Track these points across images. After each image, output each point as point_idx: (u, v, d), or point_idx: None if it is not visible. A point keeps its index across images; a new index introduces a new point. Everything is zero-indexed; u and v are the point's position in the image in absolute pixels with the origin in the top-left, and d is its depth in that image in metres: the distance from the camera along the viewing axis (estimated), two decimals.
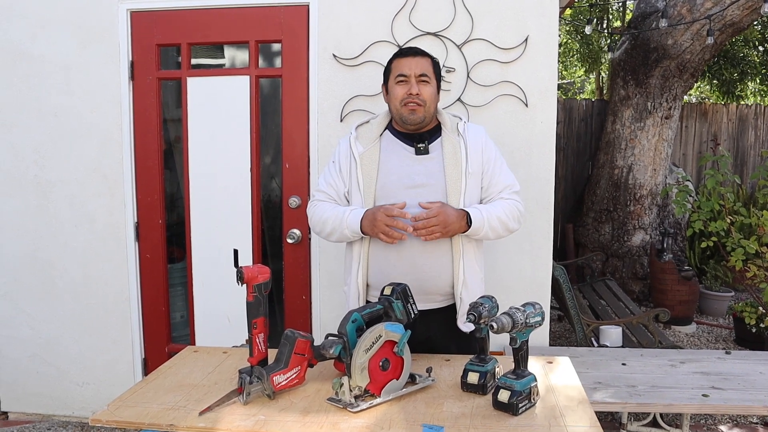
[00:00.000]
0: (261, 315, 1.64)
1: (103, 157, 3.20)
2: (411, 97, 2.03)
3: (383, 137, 2.13)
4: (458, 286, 2.06)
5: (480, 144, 2.12)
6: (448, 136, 2.10)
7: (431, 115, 2.10)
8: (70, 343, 3.36)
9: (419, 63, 2.06)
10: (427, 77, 2.06)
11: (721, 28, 5.20)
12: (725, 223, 4.38)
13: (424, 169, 2.06)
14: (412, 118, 2.05)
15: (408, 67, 2.05)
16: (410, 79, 2.04)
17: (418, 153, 2.08)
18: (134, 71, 3.15)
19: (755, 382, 2.75)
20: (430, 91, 2.06)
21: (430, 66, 2.09)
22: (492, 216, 2.04)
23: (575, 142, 6.89)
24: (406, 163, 2.07)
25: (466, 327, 2.09)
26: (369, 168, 2.07)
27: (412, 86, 2.03)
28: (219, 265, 3.16)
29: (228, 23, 3.07)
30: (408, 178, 2.04)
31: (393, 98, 2.08)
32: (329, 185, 2.17)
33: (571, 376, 1.79)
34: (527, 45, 2.89)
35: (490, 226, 2.03)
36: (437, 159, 2.07)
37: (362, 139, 2.13)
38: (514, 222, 2.13)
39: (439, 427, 1.43)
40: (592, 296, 4.87)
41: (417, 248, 2.01)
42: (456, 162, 2.05)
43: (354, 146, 2.11)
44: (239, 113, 3.08)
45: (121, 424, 1.52)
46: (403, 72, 2.05)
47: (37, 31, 3.17)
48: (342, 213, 2.05)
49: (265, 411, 1.54)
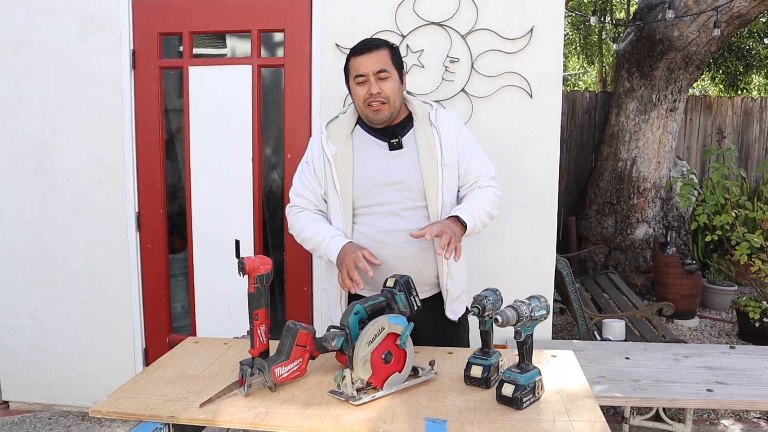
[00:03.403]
0: (262, 306, 1.63)
1: (105, 147, 3.18)
2: (372, 97, 1.97)
3: (355, 134, 2.08)
4: (443, 278, 2.06)
5: (453, 133, 2.07)
6: (420, 126, 2.05)
7: (398, 109, 2.03)
8: (71, 333, 3.36)
9: (376, 58, 1.96)
10: (386, 72, 1.97)
11: (728, 20, 5.15)
12: (730, 217, 4.35)
13: (400, 164, 2.02)
14: (378, 117, 2.00)
15: (364, 65, 1.96)
16: (369, 78, 1.97)
17: (391, 148, 2.03)
18: (136, 60, 3.12)
19: (760, 377, 2.74)
20: (391, 86, 1.98)
21: (387, 58, 1.99)
22: (479, 211, 2.02)
23: (578, 135, 6.85)
24: (380, 159, 2.03)
25: (452, 314, 2.11)
26: (344, 168, 2.03)
27: (371, 86, 1.96)
28: (220, 255, 3.14)
29: (230, 12, 3.04)
30: (384, 175, 2.01)
31: (355, 99, 2.02)
32: (305, 188, 2.12)
33: (575, 370, 1.78)
34: (532, 35, 2.86)
35: (481, 222, 2.03)
36: (412, 152, 2.03)
37: (334, 138, 2.07)
38: (496, 209, 2.13)
39: (443, 420, 1.42)
40: (595, 289, 4.86)
41: (400, 242, 1.99)
42: (431, 154, 2.02)
43: (326, 146, 2.05)
44: (241, 103, 3.05)
45: (122, 415, 1.52)
46: (360, 72, 1.97)
47: (39, 20, 3.14)
48: (322, 239, 2.02)
49: (267, 403, 1.53)
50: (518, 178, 2.92)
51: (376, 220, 2.02)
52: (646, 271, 5.87)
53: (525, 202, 2.94)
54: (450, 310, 2.11)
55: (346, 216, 2.03)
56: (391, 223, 2.00)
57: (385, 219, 2.01)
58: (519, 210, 2.94)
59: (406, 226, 1.97)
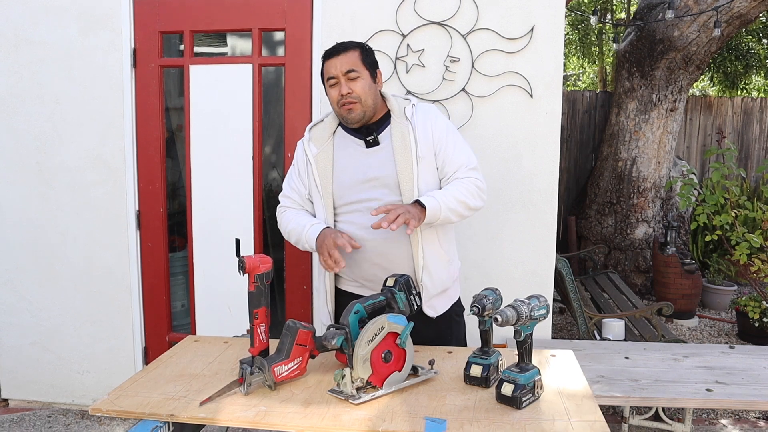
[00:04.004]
0: (262, 305, 1.63)
1: (105, 145, 3.18)
2: (343, 98, 2.00)
3: (336, 135, 2.14)
4: (419, 273, 2.05)
5: (429, 125, 2.08)
6: (396, 122, 2.07)
7: (372, 107, 2.05)
8: (71, 331, 3.36)
9: (344, 60, 2.00)
10: (355, 72, 2.00)
11: (728, 20, 5.16)
12: (730, 217, 4.35)
13: (375, 161, 2.05)
14: (351, 117, 2.02)
15: (334, 67, 2.01)
16: (339, 79, 2.01)
17: (368, 146, 2.07)
18: (137, 58, 3.13)
19: (759, 377, 2.74)
20: (361, 85, 2.01)
21: (357, 58, 2.02)
22: (447, 197, 1.99)
23: (579, 134, 6.85)
24: (357, 157, 2.07)
25: (432, 311, 2.10)
26: (324, 168, 2.09)
27: (342, 86, 2.00)
28: (220, 254, 3.14)
29: (231, 11, 3.04)
30: (361, 172, 2.05)
31: (330, 101, 2.07)
32: (292, 189, 2.21)
33: (574, 369, 1.78)
34: (533, 35, 2.86)
35: (449, 208, 1.99)
36: (387, 148, 2.05)
37: (315, 140, 2.14)
38: (475, 199, 2.07)
39: (442, 420, 1.42)
40: (595, 289, 4.86)
41: (381, 236, 2.01)
42: (405, 148, 2.03)
43: (308, 148, 2.13)
44: (242, 102, 3.05)
45: (122, 413, 1.52)
46: (330, 74, 2.02)
47: (40, 17, 3.14)
48: (302, 227, 2.08)
49: (266, 402, 1.53)
50: (518, 177, 2.92)
51: (356, 217, 2.06)
52: (645, 270, 5.88)
53: (525, 201, 2.95)
54: (429, 306, 2.09)
55: (328, 214, 2.09)
56: (370, 219, 2.01)
57: (364, 216, 2.03)
58: (519, 209, 2.94)
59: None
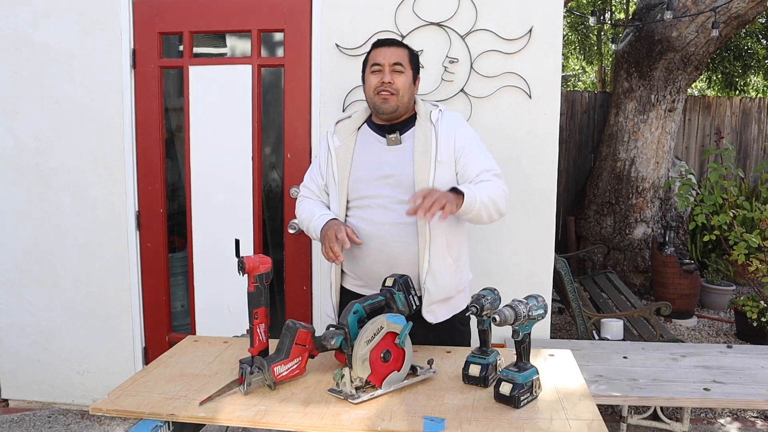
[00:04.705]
0: (262, 305, 1.64)
1: (105, 146, 3.19)
2: (383, 86, 2.03)
3: (360, 130, 2.16)
4: (422, 275, 2.02)
5: (452, 131, 2.08)
6: (420, 125, 2.09)
7: (405, 105, 2.08)
8: (71, 332, 3.36)
9: (395, 52, 2.06)
10: (401, 66, 2.05)
11: (726, 21, 5.17)
12: (728, 217, 4.36)
13: (394, 159, 2.06)
14: (385, 107, 2.04)
15: (383, 56, 2.05)
16: (384, 68, 2.04)
17: (389, 143, 2.08)
18: (136, 59, 3.13)
19: (757, 376, 2.75)
20: (403, 80, 2.05)
21: (406, 56, 2.08)
22: (482, 193, 1.96)
23: (577, 135, 6.86)
24: (377, 154, 2.09)
25: (432, 317, 2.06)
26: (343, 161, 2.11)
27: (385, 75, 2.03)
28: (220, 254, 3.15)
29: (230, 12, 3.04)
30: (378, 168, 2.06)
31: (367, 87, 2.09)
32: (312, 180, 2.25)
33: (573, 369, 1.78)
34: (531, 36, 2.87)
35: (482, 202, 1.94)
36: (408, 149, 2.07)
37: (340, 134, 2.16)
38: (503, 202, 2.04)
39: (441, 419, 1.42)
40: (594, 289, 4.87)
41: (388, 235, 2.01)
42: (426, 151, 2.03)
43: (331, 141, 2.16)
44: (241, 102, 3.06)
45: (122, 413, 1.52)
46: (377, 61, 2.06)
47: (40, 19, 3.15)
48: (312, 216, 2.13)
49: (266, 401, 1.54)
50: (517, 178, 2.93)
51: (367, 212, 2.06)
52: (644, 270, 5.88)
53: (524, 201, 2.95)
54: (429, 311, 2.04)
55: (341, 207, 2.10)
56: (380, 215, 2.03)
57: (375, 211, 2.04)
58: (518, 210, 2.95)
59: (395, 220, 2.01)
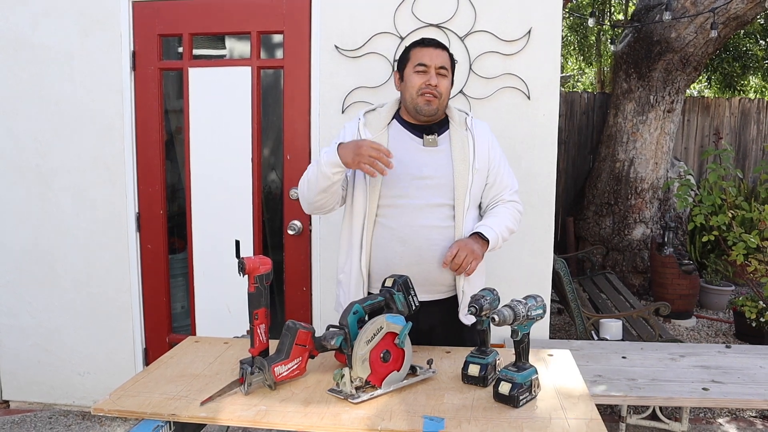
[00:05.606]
0: (262, 306, 1.64)
1: (105, 147, 3.19)
2: (429, 88, 2.02)
3: (391, 126, 2.12)
4: (460, 279, 2.06)
5: (487, 141, 2.14)
6: (456, 129, 2.10)
7: (443, 108, 2.10)
8: (71, 333, 3.37)
9: (440, 55, 2.06)
10: (446, 70, 2.07)
11: (724, 22, 5.18)
12: (727, 218, 4.37)
13: (432, 160, 2.06)
14: (427, 109, 2.04)
15: (429, 57, 2.04)
16: (430, 69, 2.03)
17: (426, 144, 2.08)
18: (136, 61, 3.14)
19: (755, 376, 2.76)
20: (446, 85, 2.07)
21: (448, 61, 2.09)
22: (502, 228, 2.08)
23: (576, 135, 6.87)
24: (413, 153, 2.07)
25: (467, 319, 2.10)
26: None
27: (431, 77, 2.03)
28: (220, 255, 3.16)
29: (230, 13, 3.05)
30: (416, 168, 2.04)
31: (409, 86, 2.06)
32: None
33: (572, 369, 1.79)
34: (530, 37, 2.88)
35: (502, 238, 2.09)
36: (445, 152, 2.07)
37: (370, 126, 2.11)
38: (517, 225, 2.19)
39: (440, 418, 1.43)
40: (593, 289, 4.88)
41: (422, 239, 2.01)
42: (464, 156, 2.06)
43: (362, 132, 2.09)
44: (241, 104, 3.07)
45: (123, 413, 1.53)
46: (423, 62, 2.04)
47: (40, 20, 3.16)
48: (317, 162, 2.00)
49: (266, 401, 1.54)
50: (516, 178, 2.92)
51: (399, 215, 2.03)
52: (643, 271, 5.89)
53: (523, 202, 2.90)
54: (464, 313, 2.10)
55: (372, 204, 2.04)
56: (414, 219, 2.01)
57: (408, 215, 2.02)
58: None
59: (429, 223, 2.01)
